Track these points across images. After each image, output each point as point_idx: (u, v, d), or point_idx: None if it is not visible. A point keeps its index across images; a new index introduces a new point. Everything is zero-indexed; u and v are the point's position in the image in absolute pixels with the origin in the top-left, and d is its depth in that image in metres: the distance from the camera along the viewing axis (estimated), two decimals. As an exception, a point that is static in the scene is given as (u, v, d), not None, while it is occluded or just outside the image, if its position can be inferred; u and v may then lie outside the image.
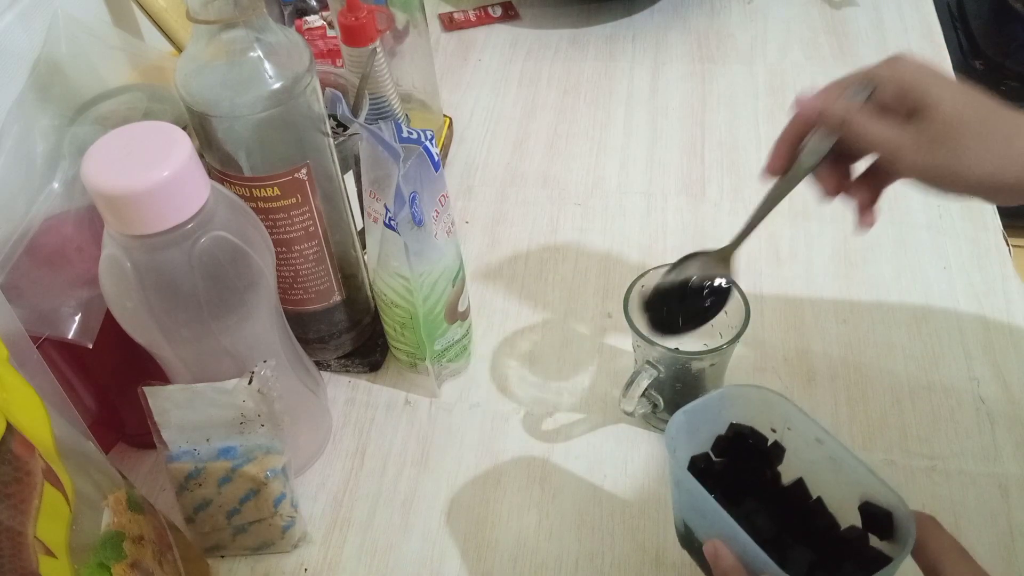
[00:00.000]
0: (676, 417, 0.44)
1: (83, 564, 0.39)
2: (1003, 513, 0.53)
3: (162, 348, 0.47)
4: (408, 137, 0.51)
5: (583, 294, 0.68)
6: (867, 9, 0.94)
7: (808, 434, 0.44)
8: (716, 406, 0.47)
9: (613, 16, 0.97)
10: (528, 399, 0.61)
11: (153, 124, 0.43)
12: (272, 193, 0.51)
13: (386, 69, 0.65)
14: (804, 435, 0.45)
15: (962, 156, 0.44)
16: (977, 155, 0.43)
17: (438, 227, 0.54)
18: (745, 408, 0.47)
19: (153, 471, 0.59)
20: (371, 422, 0.61)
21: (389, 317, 0.59)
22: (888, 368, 0.61)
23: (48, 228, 0.51)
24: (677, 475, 0.43)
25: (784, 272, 0.68)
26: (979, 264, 0.67)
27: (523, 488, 0.56)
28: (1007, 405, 0.58)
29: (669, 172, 0.78)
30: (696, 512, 0.43)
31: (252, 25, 0.47)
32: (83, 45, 0.61)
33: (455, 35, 0.97)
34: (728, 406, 0.47)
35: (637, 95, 0.87)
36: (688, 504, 0.44)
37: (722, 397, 0.47)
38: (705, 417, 0.47)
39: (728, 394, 0.47)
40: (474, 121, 0.85)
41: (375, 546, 0.54)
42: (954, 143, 0.44)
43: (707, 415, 0.47)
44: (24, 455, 0.37)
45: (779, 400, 0.45)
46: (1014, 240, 0.71)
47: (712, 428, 0.47)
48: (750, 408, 0.47)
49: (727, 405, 0.47)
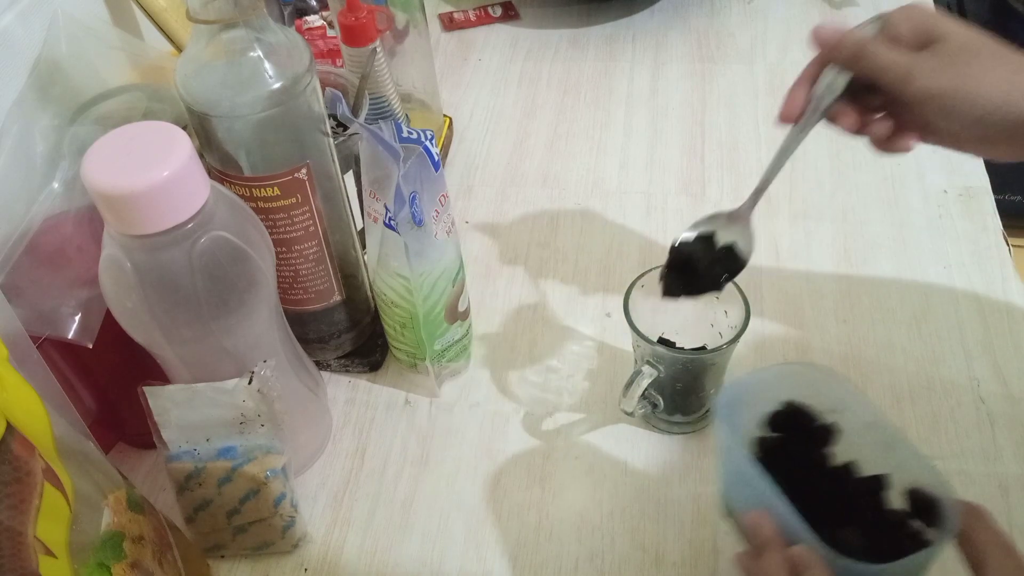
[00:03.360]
0: (729, 388, 0.44)
1: (83, 564, 0.39)
2: (1003, 513, 0.53)
3: (162, 348, 0.47)
4: (408, 137, 0.51)
5: (583, 294, 0.68)
6: (867, 9, 0.94)
7: (863, 417, 0.44)
8: (772, 381, 0.46)
9: (613, 16, 0.97)
10: (528, 399, 0.61)
11: (153, 124, 0.43)
12: (272, 193, 0.51)
13: (386, 69, 0.65)
14: (859, 418, 0.44)
15: (976, 76, 0.44)
16: (989, 77, 0.44)
17: (438, 227, 0.54)
18: (802, 386, 0.46)
19: (153, 471, 0.59)
20: (371, 422, 0.61)
21: (389, 317, 0.59)
22: (888, 367, 0.61)
23: (48, 228, 0.51)
24: (726, 442, 0.43)
25: (784, 271, 0.68)
26: (979, 264, 0.67)
27: (523, 488, 0.56)
28: (1007, 405, 0.58)
29: (669, 172, 0.78)
30: (741, 481, 0.43)
31: (252, 25, 0.47)
32: (83, 45, 0.61)
33: (455, 35, 0.97)
34: (785, 383, 0.46)
35: (637, 95, 0.87)
36: (734, 472, 0.44)
37: (780, 373, 0.46)
38: (759, 391, 0.46)
39: (785, 371, 0.46)
40: (474, 121, 0.85)
41: (375, 546, 0.54)
42: (968, 64, 0.45)
43: (761, 390, 0.46)
44: (24, 455, 0.36)
45: (838, 381, 0.45)
46: (1014, 240, 0.71)
47: (766, 402, 0.47)
48: (807, 387, 0.46)
49: (784, 382, 0.46)
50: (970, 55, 0.45)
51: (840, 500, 0.44)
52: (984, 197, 0.72)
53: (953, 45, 0.45)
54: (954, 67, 0.45)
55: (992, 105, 0.44)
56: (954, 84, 0.45)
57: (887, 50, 0.47)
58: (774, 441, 0.47)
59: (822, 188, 0.74)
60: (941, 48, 0.45)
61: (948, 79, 0.45)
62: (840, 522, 0.43)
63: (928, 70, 0.45)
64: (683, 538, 0.53)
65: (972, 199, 0.72)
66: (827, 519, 0.42)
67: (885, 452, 0.43)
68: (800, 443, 0.46)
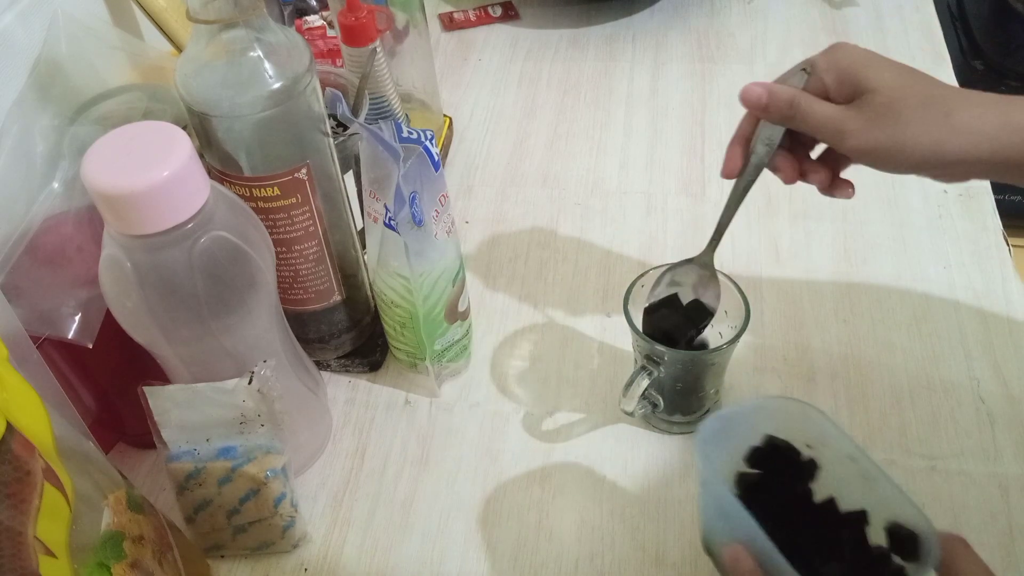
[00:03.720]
0: (709, 421, 0.44)
1: (83, 564, 0.39)
2: (1003, 513, 0.53)
3: (162, 348, 0.47)
4: (408, 137, 0.51)
5: (583, 294, 0.68)
6: (867, 9, 0.94)
7: (842, 451, 0.44)
8: (752, 416, 0.46)
9: (613, 16, 0.97)
10: (528, 399, 0.61)
11: (153, 124, 0.43)
12: (272, 193, 0.51)
13: (386, 69, 0.65)
14: (838, 452, 0.44)
15: (904, 131, 0.45)
16: (918, 130, 0.45)
17: (438, 227, 0.54)
18: (782, 420, 0.46)
19: (153, 471, 0.59)
20: (371, 422, 0.61)
21: (389, 317, 0.59)
22: (888, 368, 0.61)
23: (48, 228, 0.51)
24: (705, 476, 0.43)
25: (784, 272, 0.68)
26: (979, 264, 0.67)
27: (523, 488, 0.56)
28: (1007, 405, 0.58)
29: (669, 172, 0.78)
30: (720, 515, 0.43)
31: (252, 25, 0.47)
32: (83, 45, 0.61)
33: (455, 35, 0.97)
34: (764, 417, 0.46)
35: (637, 95, 0.87)
36: (713, 506, 0.44)
37: (759, 408, 0.46)
38: (740, 424, 0.46)
39: (765, 405, 0.47)
40: (474, 121, 0.85)
41: (375, 546, 0.54)
42: (895, 119, 0.45)
43: (742, 423, 0.46)
44: (24, 455, 0.36)
45: (817, 416, 0.44)
46: (1014, 240, 0.71)
47: (746, 437, 0.47)
48: (787, 421, 0.46)
49: (764, 416, 0.46)
50: (897, 109, 0.45)
51: (821, 536, 0.44)
52: (984, 197, 0.72)
53: (880, 99, 0.45)
54: (882, 124, 0.45)
55: (925, 154, 0.45)
56: (885, 141, 0.45)
57: (817, 106, 0.47)
58: (754, 476, 0.47)
59: (822, 188, 0.74)
60: (868, 103, 0.45)
61: (879, 136, 0.45)
62: (822, 558, 0.43)
63: (858, 128, 0.46)
64: (683, 538, 0.53)
65: (972, 199, 0.72)
66: (809, 555, 0.42)
67: (865, 486, 0.43)
68: (780, 478, 0.47)
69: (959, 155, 0.44)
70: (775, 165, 0.51)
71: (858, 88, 0.46)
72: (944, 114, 0.44)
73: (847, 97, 0.47)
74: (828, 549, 0.44)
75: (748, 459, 0.47)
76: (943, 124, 0.44)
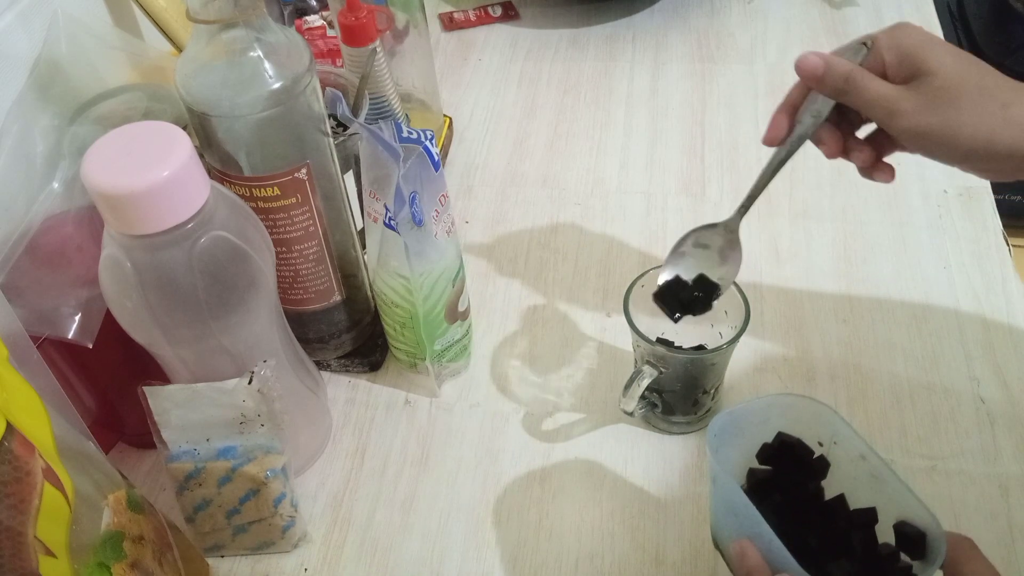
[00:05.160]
0: (721, 417, 0.44)
1: (83, 564, 0.39)
2: (1003, 513, 0.53)
3: (162, 348, 0.47)
4: (408, 137, 0.51)
5: (583, 294, 0.68)
6: (867, 9, 0.94)
7: (853, 450, 0.44)
8: (763, 412, 0.46)
9: (613, 16, 0.97)
10: (528, 399, 0.61)
11: (153, 124, 0.43)
12: (272, 193, 0.51)
13: (386, 69, 0.65)
14: (849, 451, 0.44)
15: (958, 118, 0.44)
16: (973, 118, 0.44)
17: (438, 227, 0.54)
18: (793, 418, 0.46)
19: (153, 471, 0.59)
20: (371, 422, 0.61)
21: (389, 317, 0.59)
22: (888, 368, 0.61)
23: (48, 228, 0.51)
24: (715, 471, 0.43)
25: (784, 272, 0.68)
26: (979, 264, 0.67)
27: (523, 488, 0.56)
28: (1007, 405, 0.58)
29: (669, 172, 0.78)
30: (729, 510, 0.43)
31: (252, 25, 0.47)
32: (83, 45, 0.61)
33: (455, 35, 0.97)
34: (776, 414, 0.46)
35: (637, 95, 0.87)
36: (722, 501, 0.44)
37: (771, 404, 0.46)
38: (750, 422, 0.46)
39: (777, 402, 0.46)
40: (474, 121, 0.85)
41: (375, 546, 0.54)
42: (951, 105, 0.44)
43: (753, 420, 0.46)
44: (24, 455, 0.37)
45: (829, 413, 0.45)
46: (1014, 240, 0.71)
47: (757, 434, 0.47)
48: (798, 419, 0.46)
49: (775, 413, 0.46)
50: (954, 95, 0.44)
51: (830, 533, 0.44)
52: (984, 197, 0.72)
53: (937, 83, 0.44)
54: (938, 108, 0.44)
55: (977, 144, 0.44)
56: (938, 126, 0.44)
57: (872, 83, 0.46)
58: (765, 473, 0.47)
59: (822, 188, 0.74)
60: (926, 85, 0.45)
61: (932, 120, 0.44)
62: (830, 555, 0.43)
63: (912, 109, 0.45)
64: (683, 538, 0.53)
65: (972, 199, 0.72)
66: (817, 552, 0.42)
67: (874, 484, 0.43)
68: (791, 475, 0.47)
69: (1011, 149, 0.44)
70: (819, 138, 0.50)
71: (917, 70, 0.45)
72: (1001, 105, 0.44)
73: (904, 78, 0.46)
74: (837, 546, 0.44)
75: (759, 455, 0.47)
76: (999, 115, 0.43)
